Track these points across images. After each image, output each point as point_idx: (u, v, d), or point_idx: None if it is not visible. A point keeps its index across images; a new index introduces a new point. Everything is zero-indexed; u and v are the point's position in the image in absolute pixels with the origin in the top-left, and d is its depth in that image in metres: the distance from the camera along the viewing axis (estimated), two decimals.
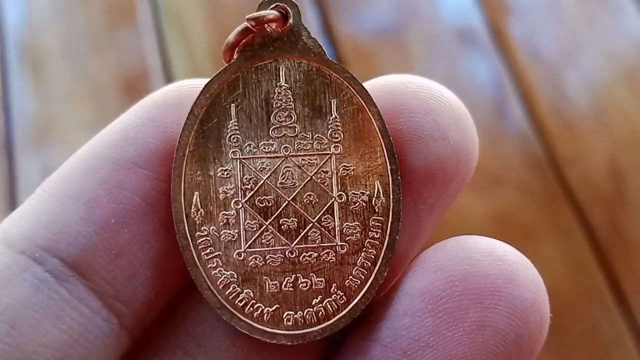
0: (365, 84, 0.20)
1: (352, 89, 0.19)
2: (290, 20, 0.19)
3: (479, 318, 0.17)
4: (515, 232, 0.55)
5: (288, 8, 0.19)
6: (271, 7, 0.19)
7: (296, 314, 0.18)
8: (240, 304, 0.18)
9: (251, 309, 0.18)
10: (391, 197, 0.19)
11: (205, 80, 0.19)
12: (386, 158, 0.19)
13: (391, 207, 0.19)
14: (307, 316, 0.18)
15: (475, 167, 0.20)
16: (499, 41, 0.64)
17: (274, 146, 0.19)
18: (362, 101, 0.19)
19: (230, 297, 0.18)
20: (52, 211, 0.18)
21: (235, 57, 0.19)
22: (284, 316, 0.18)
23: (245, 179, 0.19)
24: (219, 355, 0.18)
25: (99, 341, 0.18)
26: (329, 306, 0.19)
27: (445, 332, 0.17)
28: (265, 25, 0.19)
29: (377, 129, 0.19)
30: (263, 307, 0.18)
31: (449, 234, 0.20)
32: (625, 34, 0.64)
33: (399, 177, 0.19)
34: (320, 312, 0.18)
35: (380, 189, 0.19)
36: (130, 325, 0.18)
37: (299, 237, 0.19)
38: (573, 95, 0.61)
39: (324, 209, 0.19)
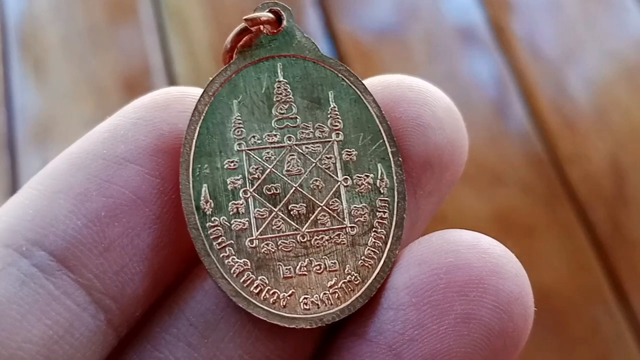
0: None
1: (347, 80, 0.20)
2: (284, 22, 0.20)
3: (464, 310, 0.17)
4: (516, 230, 0.55)
5: (281, 11, 0.20)
6: (266, 10, 0.20)
7: (312, 297, 0.18)
8: (256, 291, 0.18)
9: (267, 295, 0.18)
10: (394, 178, 0.19)
11: (193, 88, 0.20)
12: (386, 142, 0.19)
13: (395, 187, 0.19)
14: (323, 298, 0.18)
15: (477, 165, 0.20)
16: (500, 39, 0.64)
17: (278, 137, 0.20)
18: (358, 91, 0.20)
19: (245, 285, 0.18)
20: (40, 205, 0.17)
21: (235, 58, 0.20)
22: (300, 300, 0.18)
23: (252, 168, 0.19)
24: (222, 347, 0.18)
25: (85, 338, 0.17)
26: (344, 287, 0.19)
27: (430, 325, 0.17)
28: (262, 27, 0.20)
29: (374, 115, 0.20)
30: (279, 293, 0.18)
31: None
32: (627, 33, 0.64)
33: (400, 159, 0.19)
34: (337, 294, 0.18)
35: (383, 171, 0.19)
36: (117, 322, 0.18)
37: (309, 221, 0.19)
38: (574, 93, 0.61)
39: (331, 193, 0.19)
